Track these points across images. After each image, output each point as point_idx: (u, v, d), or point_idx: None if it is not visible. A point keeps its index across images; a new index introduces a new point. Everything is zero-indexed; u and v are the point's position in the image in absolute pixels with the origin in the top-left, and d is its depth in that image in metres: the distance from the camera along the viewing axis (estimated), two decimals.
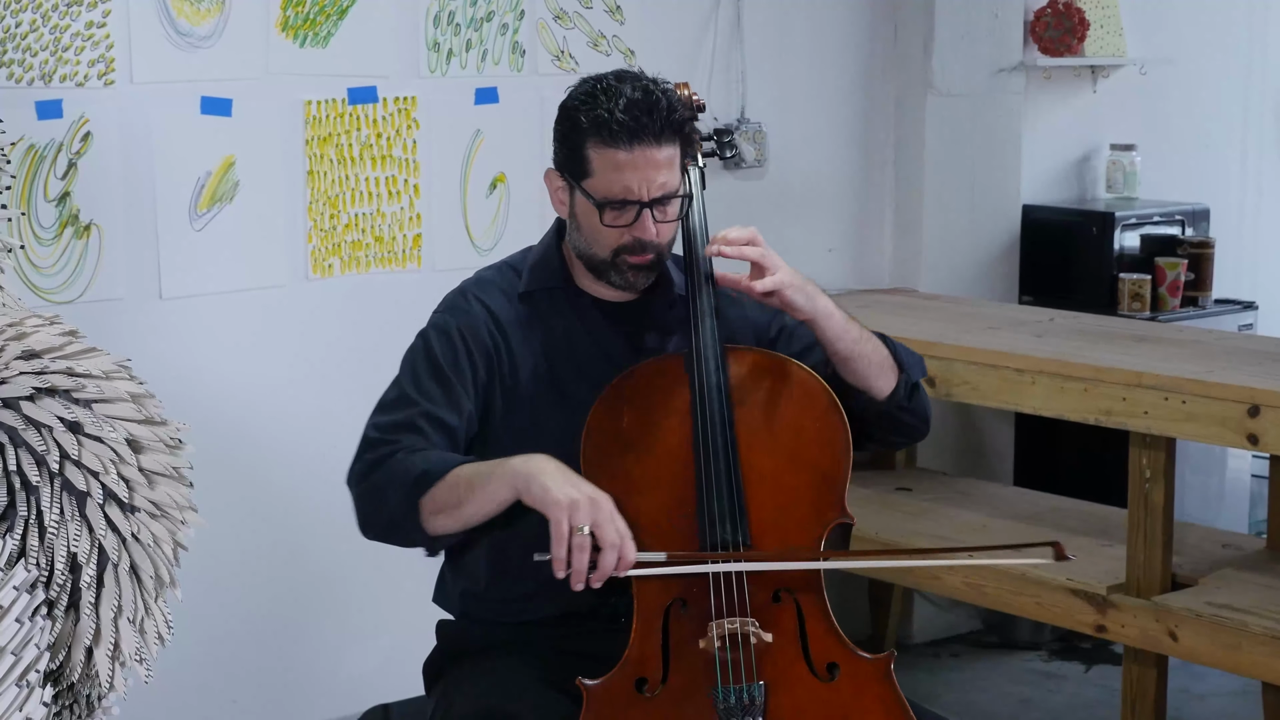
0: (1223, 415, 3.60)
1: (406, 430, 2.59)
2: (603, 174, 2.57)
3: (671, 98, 2.59)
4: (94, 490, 1.89)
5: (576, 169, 2.60)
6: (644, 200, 2.56)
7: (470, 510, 2.49)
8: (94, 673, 1.93)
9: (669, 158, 2.56)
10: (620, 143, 2.53)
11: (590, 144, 2.56)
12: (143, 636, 1.96)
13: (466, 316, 2.68)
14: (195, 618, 3.48)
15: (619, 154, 2.54)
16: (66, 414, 1.91)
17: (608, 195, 2.57)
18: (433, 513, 2.51)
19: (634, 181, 2.55)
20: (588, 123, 2.56)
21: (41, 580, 1.89)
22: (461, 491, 2.48)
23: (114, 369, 2.03)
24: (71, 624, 1.91)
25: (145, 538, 1.94)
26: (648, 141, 2.54)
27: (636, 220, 2.57)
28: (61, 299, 3.53)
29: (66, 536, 1.88)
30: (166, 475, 2.00)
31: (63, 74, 3.51)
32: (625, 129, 2.53)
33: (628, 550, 2.41)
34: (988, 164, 5.02)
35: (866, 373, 2.67)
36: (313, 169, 3.87)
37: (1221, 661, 3.68)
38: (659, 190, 2.56)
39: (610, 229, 2.59)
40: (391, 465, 2.55)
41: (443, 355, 2.65)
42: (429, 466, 2.51)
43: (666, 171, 2.56)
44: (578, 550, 2.38)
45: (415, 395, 2.62)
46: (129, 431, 1.97)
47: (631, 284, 2.65)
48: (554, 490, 2.40)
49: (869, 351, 2.67)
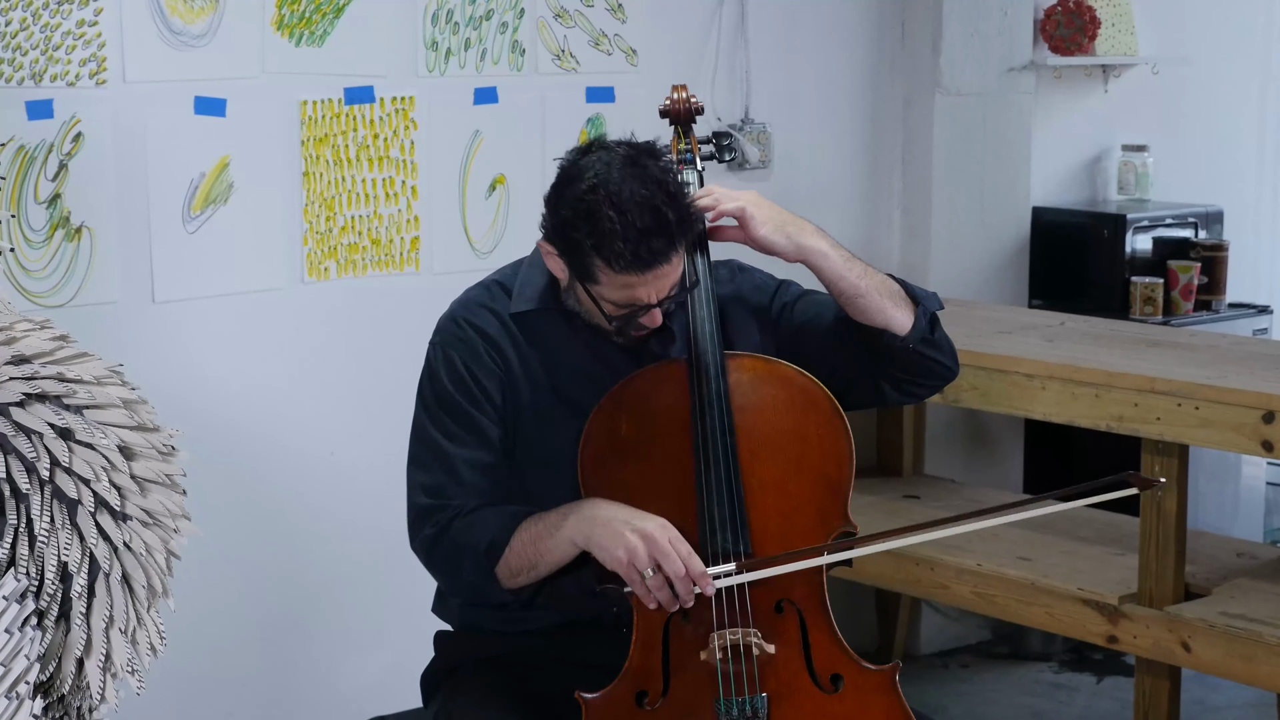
0: (1237, 421, 3.60)
1: (451, 486, 2.62)
2: (611, 288, 2.53)
3: (680, 205, 2.48)
4: (85, 498, 1.89)
5: (582, 271, 2.54)
6: (653, 303, 2.55)
7: (545, 567, 2.55)
8: (85, 684, 1.93)
9: (679, 260, 2.53)
10: (632, 271, 2.48)
11: (598, 264, 2.50)
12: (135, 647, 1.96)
13: (465, 345, 2.67)
14: (189, 628, 3.48)
15: (630, 278, 2.50)
16: (57, 420, 1.92)
17: (615, 302, 2.54)
18: (509, 576, 2.57)
19: (644, 293, 2.52)
20: (592, 246, 2.48)
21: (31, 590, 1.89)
22: (529, 556, 2.54)
23: (106, 374, 2.03)
24: (62, 634, 1.91)
25: (137, 546, 1.95)
26: (658, 265, 2.48)
27: (644, 313, 2.56)
28: (52, 303, 3.53)
29: (57, 545, 1.88)
30: (159, 483, 2.00)
31: (53, 73, 3.51)
32: (638, 260, 2.47)
33: (696, 571, 2.44)
34: (997, 165, 5.02)
35: (880, 306, 2.63)
36: (309, 170, 3.87)
37: (1236, 673, 3.69)
38: (669, 290, 2.55)
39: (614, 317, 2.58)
40: (454, 535, 2.59)
41: (458, 391, 2.65)
42: (493, 536, 2.56)
43: (676, 271, 2.54)
44: (656, 590, 2.45)
45: (445, 442, 2.64)
46: (121, 438, 1.97)
47: (633, 342, 2.65)
48: (609, 549, 2.45)
49: (877, 284, 2.64)
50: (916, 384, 2.73)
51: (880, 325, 2.64)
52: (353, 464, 3.97)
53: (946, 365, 2.72)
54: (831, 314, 2.71)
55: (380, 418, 3.92)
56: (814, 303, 2.75)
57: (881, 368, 2.67)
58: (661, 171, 2.50)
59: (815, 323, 2.72)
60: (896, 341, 2.65)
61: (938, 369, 2.71)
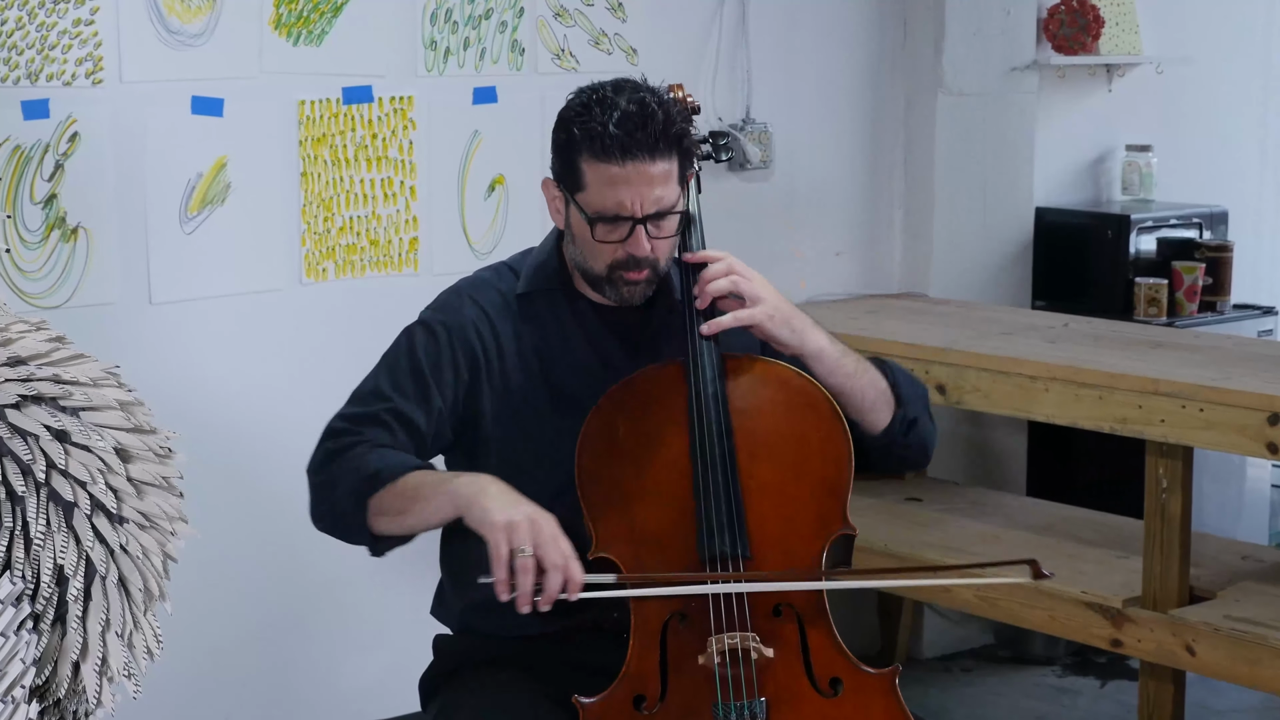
0: (1241, 423, 3.60)
1: (372, 423, 2.61)
2: (596, 189, 2.56)
3: (669, 109, 2.58)
4: (81, 501, 1.89)
5: (571, 182, 2.60)
6: (638, 216, 2.56)
7: (411, 520, 2.52)
8: (81, 688, 1.93)
9: (664, 172, 2.56)
10: (613, 157, 2.53)
11: (584, 158, 2.56)
12: (131, 651, 1.96)
13: (456, 316, 2.69)
14: (186, 632, 3.49)
15: (612, 169, 2.54)
16: (53, 422, 1.92)
17: (600, 210, 2.57)
18: (378, 514, 2.53)
19: (627, 197, 2.54)
20: (581, 136, 2.56)
21: (27, 593, 1.89)
22: (407, 500, 2.50)
23: (102, 376, 2.03)
24: (58, 638, 1.91)
25: (134, 549, 1.94)
26: (641, 156, 2.53)
27: (630, 236, 2.57)
28: (48, 304, 3.53)
29: (53, 548, 1.88)
30: (156, 485, 2.00)
31: (49, 73, 3.52)
32: (618, 143, 2.52)
33: (573, 571, 2.40)
34: (1000, 165, 5.02)
35: (860, 408, 2.67)
36: (307, 170, 3.88)
37: (1241, 677, 3.68)
38: (653, 206, 2.56)
39: (604, 244, 2.59)
40: (349, 458, 2.57)
41: (425, 352, 2.66)
42: (383, 466, 2.53)
43: (662, 186, 2.56)
44: (521, 573, 2.38)
45: (388, 390, 2.64)
46: (117, 440, 1.97)
47: (627, 299, 2.65)
48: (493, 512, 2.41)
49: (864, 386, 2.68)
50: (881, 466, 2.80)
51: (855, 421, 2.68)
52: None
53: (913, 460, 2.82)
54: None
55: None
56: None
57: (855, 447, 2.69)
58: (650, 88, 2.60)
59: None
60: (868, 436, 2.70)
61: (901, 462, 2.81)
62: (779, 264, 4.60)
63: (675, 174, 2.58)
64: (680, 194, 2.61)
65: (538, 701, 2.63)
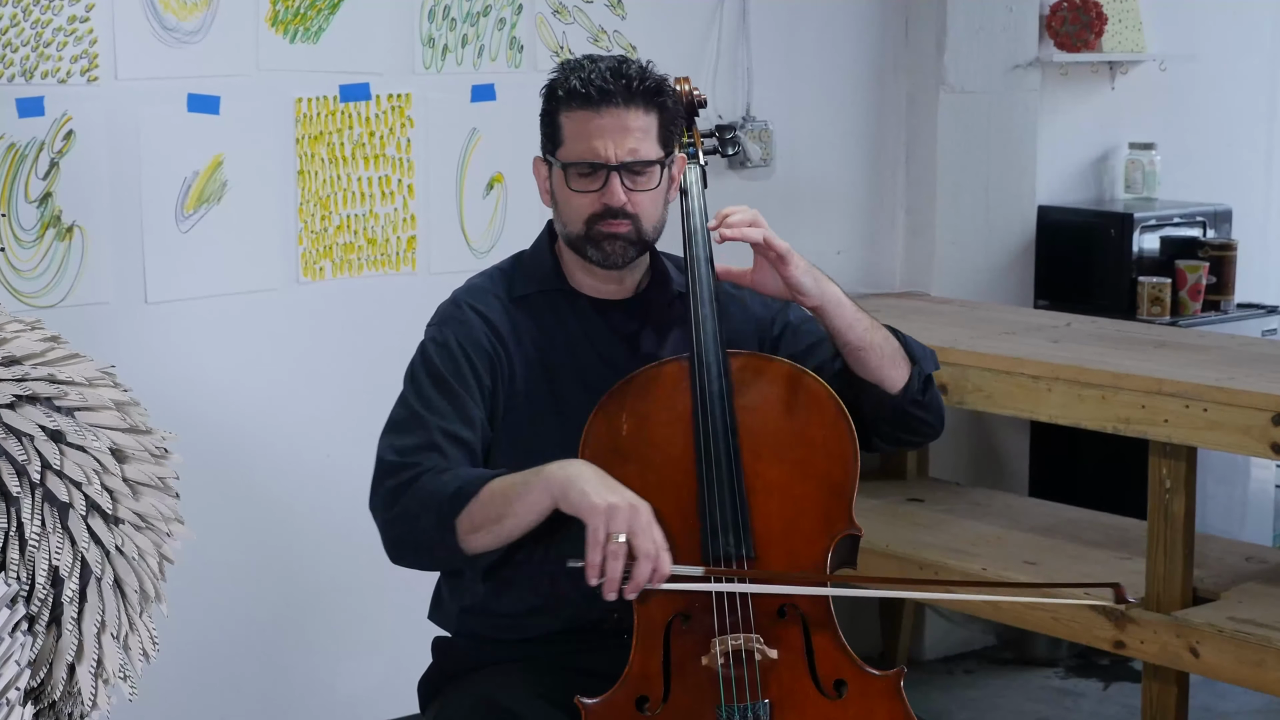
0: (1246, 423, 3.59)
1: (425, 450, 2.58)
2: (573, 139, 2.62)
3: (648, 69, 2.64)
4: (76, 501, 1.89)
5: (553, 142, 2.65)
6: (611, 163, 2.59)
7: (511, 524, 2.48)
8: (76, 690, 1.92)
9: (642, 126, 2.60)
10: (589, 104, 2.59)
11: (563, 111, 2.63)
12: (127, 653, 1.96)
13: (463, 326, 2.68)
14: (182, 634, 3.48)
15: (588, 115, 2.59)
16: (48, 422, 1.91)
17: (577, 158, 2.61)
18: (470, 531, 2.49)
19: (601, 144, 2.58)
20: (562, 91, 2.62)
21: (22, 595, 1.88)
22: (499, 505, 2.47)
23: (98, 376, 2.02)
24: (53, 640, 1.90)
25: (130, 551, 1.94)
26: (616, 103, 2.59)
27: (605, 186, 2.59)
28: (43, 303, 3.53)
29: (48, 549, 1.88)
30: (152, 486, 1.99)
31: (44, 70, 3.51)
32: (595, 89, 2.58)
33: (663, 562, 2.41)
34: (1002, 164, 5.02)
35: (879, 364, 2.67)
36: (303, 169, 3.87)
37: (1245, 679, 3.68)
38: (629, 155, 2.59)
39: (580, 195, 2.61)
40: (419, 487, 2.53)
41: (445, 368, 2.65)
42: (461, 484, 2.50)
43: (639, 137, 2.60)
44: (612, 558, 2.38)
45: (425, 413, 2.62)
46: (113, 440, 1.96)
47: (609, 257, 2.64)
48: (592, 495, 2.40)
49: (880, 341, 2.68)
50: (900, 438, 2.79)
51: (874, 380, 2.68)
52: (349, 467, 3.96)
53: (932, 425, 2.78)
54: (831, 351, 2.74)
55: (377, 420, 3.89)
56: (814, 332, 2.78)
57: (871, 418, 2.70)
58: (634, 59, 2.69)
59: (814, 353, 2.75)
60: (887, 398, 2.69)
61: (923, 428, 2.78)
62: None
63: (654, 132, 2.62)
64: (661, 153, 2.63)
65: (537, 704, 2.62)
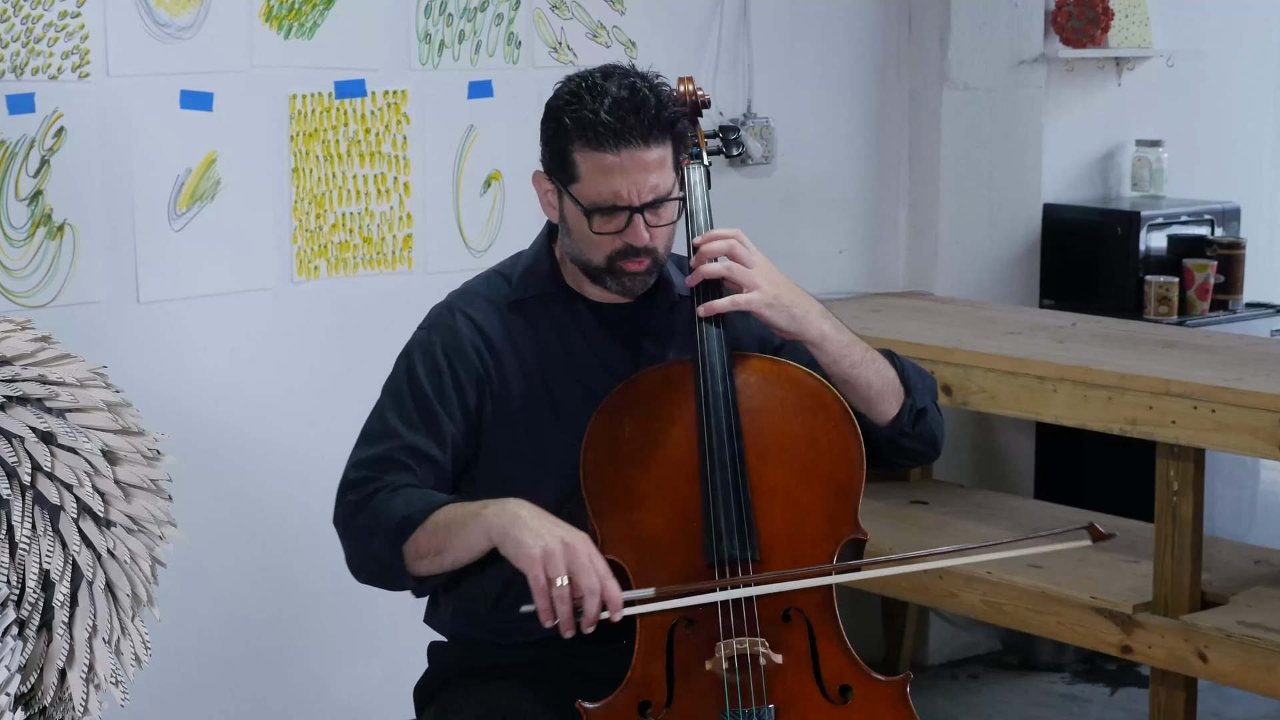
0: (1254, 425, 3.59)
1: (387, 465, 2.60)
2: (590, 179, 2.55)
3: (661, 94, 2.56)
4: (67, 504, 1.88)
5: (564, 173, 2.58)
6: (634, 205, 2.55)
7: (450, 558, 2.52)
8: (67, 696, 1.92)
9: (659, 159, 2.55)
10: (606, 145, 2.51)
11: (576, 147, 2.55)
12: (119, 658, 1.95)
13: (452, 336, 2.66)
14: (174, 638, 3.48)
15: (606, 157, 2.52)
16: (39, 424, 1.91)
17: (596, 201, 2.55)
18: (416, 558, 2.54)
19: (623, 186, 2.53)
20: (572, 125, 2.54)
21: (12, 599, 1.88)
22: (441, 538, 2.51)
23: (89, 376, 2.02)
24: (44, 645, 1.90)
25: (121, 554, 1.93)
26: (635, 143, 2.52)
27: (628, 226, 2.56)
28: (34, 303, 3.52)
29: (38, 553, 1.87)
30: (144, 488, 1.99)
31: (35, 66, 3.51)
32: (611, 130, 2.51)
33: (610, 593, 2.42)
34: (1007, 161, 5.02)
35: (866, 398, 2.66)
36: (298, 166, 3.87)
37: (1253, 684, 3.68)
38: (650, 194, 2.55)
39: (602, 236, 2.57)
40: (373, 508, 2.57)
41: (428, 380, 2.64)
42: (410, 511, 2.53)
43: (657, 173, 2.55)
44: (559, 601, 2.40)
45: (398, 425, 2.62)
46: (105, 442, 1.96)
47: (629, 290, 2.64)
48: (527, 544, 2.42)
49: (870, 376, 2.66)
50: (892, 462, 2.79)
51: (862, 411, 2.67)
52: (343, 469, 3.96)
53: (922, 452, 2.78)
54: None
55: None
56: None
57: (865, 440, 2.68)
58: (640, 73, 2.59)
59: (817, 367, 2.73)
60: (875, 427, 2.69)
61: (910, 455, 2.78)
62: (781, 261, 4.57)
63: (670, 160, 2.58)
64: (675, 180, 2.60)
65: (535, 709, 2.62)
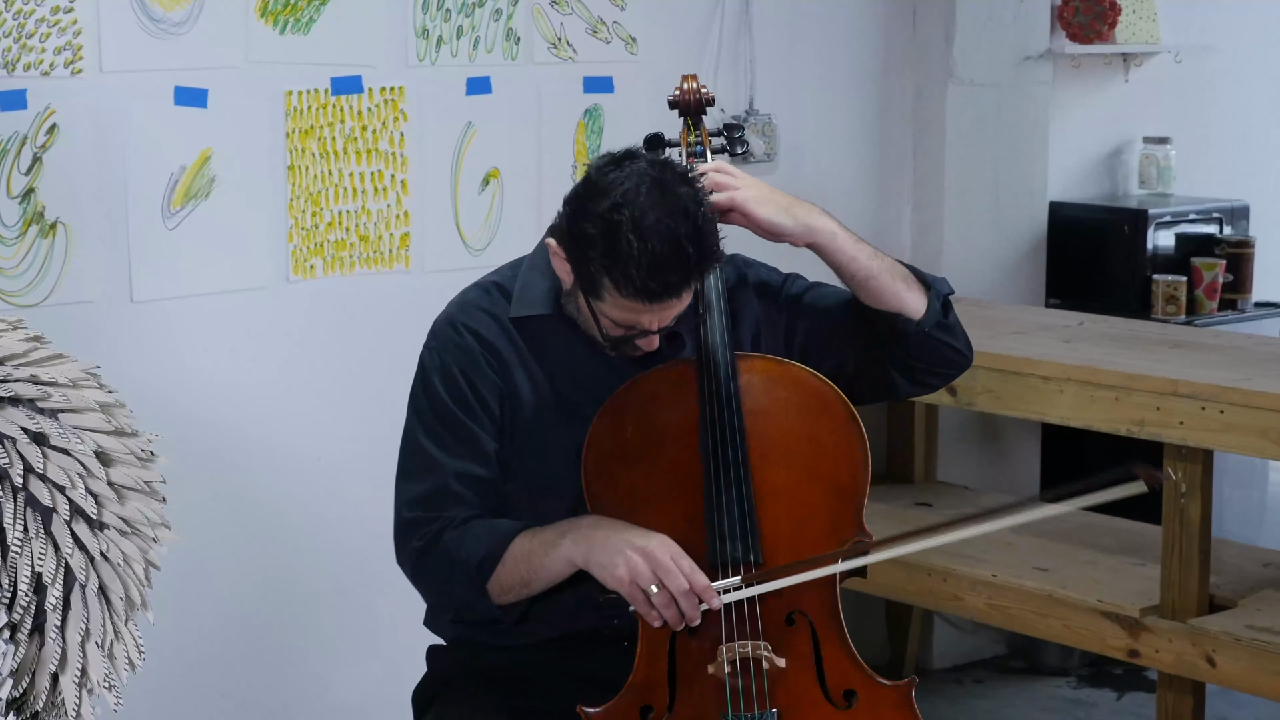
0: (1263, 426, 3.59)
1: (442, 499, 2.60)
2: (615, 308, 2.51)
3: (703, 241, 2.45)
4: (60, 506, 1.89)
5: (587, 285, 2.52)
6: (653, 329, 2.55)
7: (538, 586, 2.55)
8: (60, 701, 1.92)
9: (689, 294, 2.52)
10: (640, 299, 2.46)
11: (606, 285, 2.47)
12: (112, 662, 1.95)
13: (463, 353, 2.65)
14: (168, 642, 3.48)
15: (637, 306, 2.48)
16: (31, 424, 1.91)
17: (617, 322, 2.53)
18: (500, 593, 2.56)
19: (648, 321, 2.52)
20: (605, 268, 2.45)
21: (4, 602, 1.88)
22: (524, 571, 2.54)
23: (82, 377, 2.02)
24: (36, 649, 1.90)
25: (115, 556, 1.94)
26: (669, 299, 2.48)
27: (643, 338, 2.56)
28: (26, 302, 3.52)
29: (31, 555, 1.87)
30: (137, 490, 1.99)
31: (27, 62, 3.50)
32: (647, 291, 2.45)
33: (700, 586, 2.45)
34: (1012, 158, 5.02)
35: (892, 288, 2.63)
36: (294, 164, 3.86)
37: (1262, 689, 3.68)
38: (673, 320, 2.56)
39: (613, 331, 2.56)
40: (443, 551, 2.58)
41: (454, 401, 2.63)
42: (486, 552, 2.55)
43: (685, 303, 2.53)
44: (663, 608, 2.45)
45: (438, 453, 2.62)
46: (98, 443, 1.96)
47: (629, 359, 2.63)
48: (611, 567, 2.46)
49: (888, 266, 2.65)
50: (931, 372, 2.72)
51: (894, 309, 2.64)
52: (341, 470, 3.96)
53: (961, 351, 2.72)
54: (840, 306, 2.72)
55: (369, 421, 3.91)
56: (822, 294, 2.77)
57: (894, 355, 2.67)
58: (693, 202, 2.46)
59: (824, 315, 2.73)
60: (910, 326, 2.65)
61: (953, 355, 2.71)
62: (781, 260, 4.58)
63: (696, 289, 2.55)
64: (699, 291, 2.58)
65: (535, 714, 2.63)
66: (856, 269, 2.63)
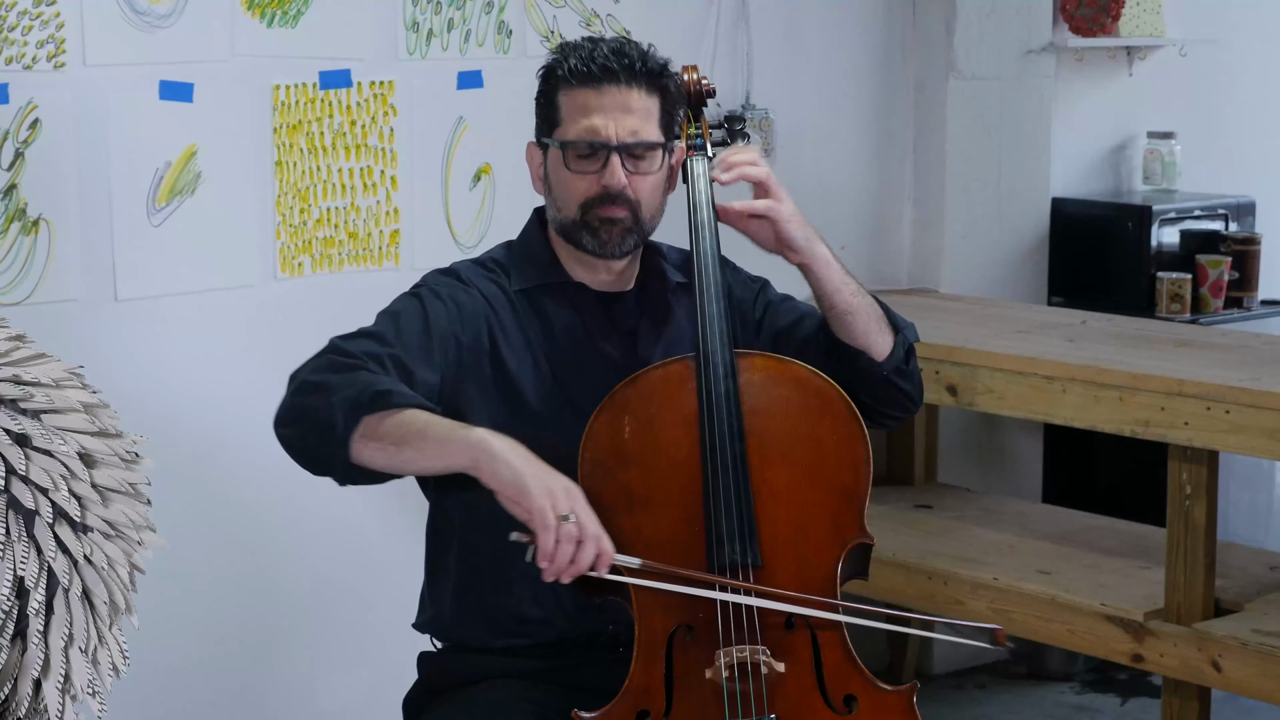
0: (1270, 426, 3.59)
1: (374, 361, 2.52)
2: (571, 118, 2.63)
3: (651, 53, 2.67)
4: (43, 508, 1.88)
5: (549, 121, 2.66)
6: (612, 143, 2.60)
7: (409, 455, 2.41)
8: (42, 707, 1.91)
9: (643, 107, 2.62)
10: (590, 82, 2.61)
11: (562, 91, 2.65)
12: (96, 668, 1.95)
13: (465, 295, 2.68)
14: (154, 648, 3.47)
15: (588, 94, 2.62)
16: (13, 425, 1.90)
17: (576, 137, 2.62)
18: (367, 436, 2.41)
19: (601, 122, 2.61)
20: (561, 71, 2.65)
21: None
22: (410, 433, 2.40)
23: (65, 377, 2.01)
24: (18, 654, 1.89)
25: (98, 560, 1.93)
26: (618, 82, 2.61)
27: (605, 167, 2.60)
28: (8, 300, 3.52)
29: (12, 559, 1.87)
30: (122, 492, 1.98)
31: (8, 55, 3.50)
32: (596, 68, 2.61)
33: (607, 544, 2.39)
34: (1015, 154, 5.02)
35: (866, 329, 2.69)
36: (281, 159, 3.86)
37: (1269, 694, 3.68)
38: (630, 135, 2.61)
39: (578, 177, 2.62)
40: (353, 374, 2.47)
41: (435, 315, 2.63)
42: (395, 389, 2.44)
43: (640, 118, 2.62)
44: (565, 540, 2.34)
45: (393, 338, 2.59)
46: (81, 444, 1.95)
47: (605, 244, 2.64)
48: (527, 477, 2.35)
49: (865, 306, 2.70)
50: (882, 412, 2.78)
51: (861, 347, 2.70)
52: None
53: (912, 397, 2.80)
54: (814, 325, 2.76)
55: None
56: (795, 309, 2.83)
57: (847, 386, 2.68)
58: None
59: (797, 329, 2.78)
60: (871, 366, 2.71)
61: (903, 400, 2.78)
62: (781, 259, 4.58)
63: (656, 115, 2.64)
64: (662, 138, 2.65)
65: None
66: (838, 300, 2.68)
